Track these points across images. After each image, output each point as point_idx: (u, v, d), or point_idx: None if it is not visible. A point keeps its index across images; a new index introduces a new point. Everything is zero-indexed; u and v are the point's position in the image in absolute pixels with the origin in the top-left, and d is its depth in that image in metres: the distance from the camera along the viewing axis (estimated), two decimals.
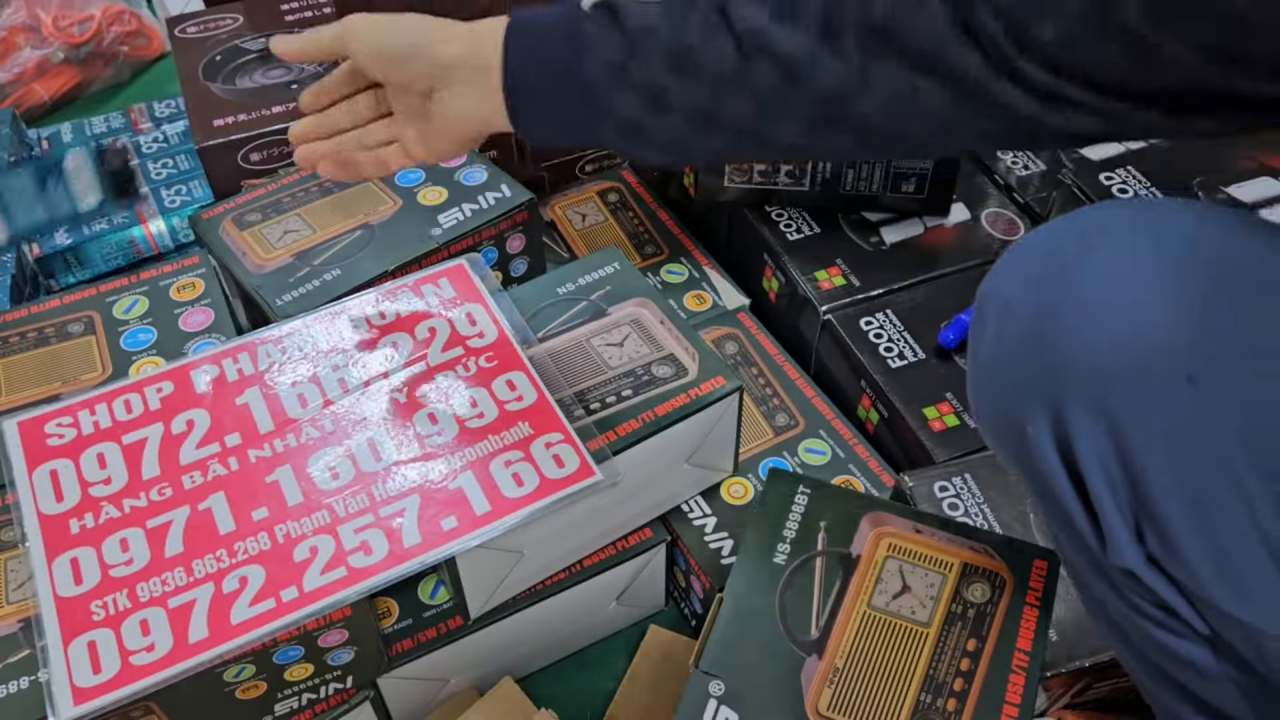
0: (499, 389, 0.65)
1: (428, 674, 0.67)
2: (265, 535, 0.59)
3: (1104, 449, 0.42)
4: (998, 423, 0.47)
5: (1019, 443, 0.45)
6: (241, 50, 0.95)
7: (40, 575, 0.57)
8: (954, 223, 0.89)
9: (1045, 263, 0.44)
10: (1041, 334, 0.43)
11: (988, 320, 0.46)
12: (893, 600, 0.57)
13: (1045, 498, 0.46)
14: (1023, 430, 0.44)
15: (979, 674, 0.55)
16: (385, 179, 0.82)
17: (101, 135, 1.13)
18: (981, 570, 0.59)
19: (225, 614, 0.56)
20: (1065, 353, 0.42)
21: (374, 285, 0.73)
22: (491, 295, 0.71)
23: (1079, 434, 0.42)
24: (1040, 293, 0.44)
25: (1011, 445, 0.46)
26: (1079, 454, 0.42)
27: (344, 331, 0.69)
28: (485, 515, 0.60)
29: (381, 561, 0.58)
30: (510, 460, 0.62)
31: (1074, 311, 0.42)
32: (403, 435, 0.63)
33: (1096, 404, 0.42)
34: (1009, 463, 0.48)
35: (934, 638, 0.56)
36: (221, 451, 0.63)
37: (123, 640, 0.55)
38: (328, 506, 0.60)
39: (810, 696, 0.54)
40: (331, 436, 0.63)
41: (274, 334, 0.69)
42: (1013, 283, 0.45)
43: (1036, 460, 0.44)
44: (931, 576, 0.59)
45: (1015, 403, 0.45)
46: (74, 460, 0.62)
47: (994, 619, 0.57)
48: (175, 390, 0.66)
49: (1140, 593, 0.45)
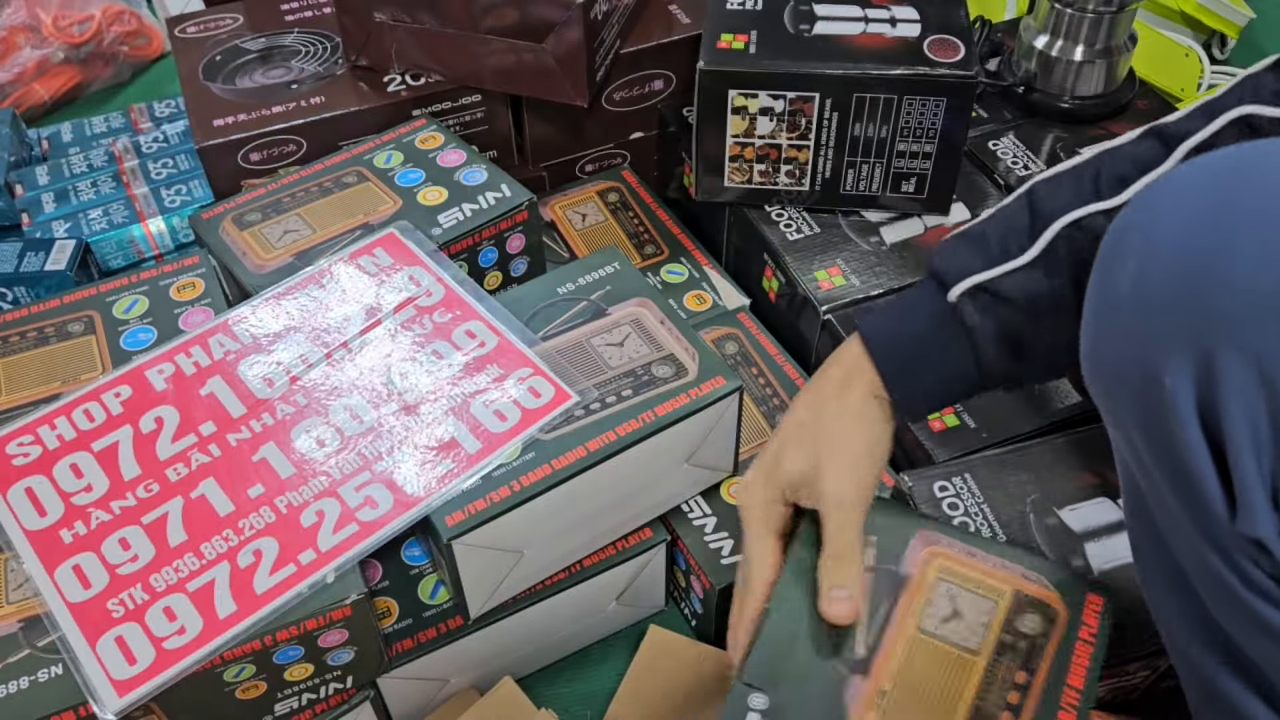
0: (459, 339, 0.68)
1: (428, 674, 0.67)
2: (268, 509, 0.60)
3: (1254, 404, 0.38)
4: (1126, 370, 0.43)
5: (1148, 393, 0.41)
6: (241, 50, 0.95)
7: (45, 588, 0.58)
8: (954, 223, 0.89)
9: (1201, 197, 0.41)
10: (1196, 274, 0.39)
11: (1127, 259, 0.42)
12: (942, 624, 0.57)
13: (1166, 456, 0.42)
14: (1157, 380, 0.40)
15: (1028, 708, 0.53)
16: (384, 179, 0.82)
17: (101, 135, 1.14)
18: (1034, 600, 0.58)
19: (248, 586, 0.57)
20: (1223, 296, 0.38)
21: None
22: (429, 256, 0.73)
23: (1228, 386, 0.39)
24: (1195, 230, 0.40)
25: (1134, 396, 0.42)
26: (1223, 408, 0.39)
27: (292, 311, 0.70)
28: (479, 452, 0.62)
29: (390, 512, 0.60)
30: (489, 400, 0.65)
31: (1234, 250, 0.39)
32: (378, 396, 0.65)
33: (1254, 353, 0.38)
34: (1123, 415, 0.44)
35: (983, 667, 0.55)
36: (199, 441, 0.63)
37: (150, 630, 0.56)
38: (323, 473, 0.62)
39: (854, 717, 0.53)
40: (307, 409, 0.65)
41: (222, 323, 0.70)
42: (1162, 218, 0.41)
43: (1168, 413, 0.40)
44: (983, 603, 0.57)
45: (1153, 349, 0.41)
46: (47, 475, 0.62)
47: (1045, 652, 0.56)
48: (134, 393, 0.66)
49: (1263, 564, 0.41)
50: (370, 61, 0.91)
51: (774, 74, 0.81)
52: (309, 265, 0.74)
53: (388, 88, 0.90)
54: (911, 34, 0.83)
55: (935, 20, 0.84)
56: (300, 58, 0.94)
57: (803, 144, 0.85)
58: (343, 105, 0.88)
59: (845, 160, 0.86)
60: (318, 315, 0.71)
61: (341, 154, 0.85)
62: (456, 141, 0.85)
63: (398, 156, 0.84)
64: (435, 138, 0.86)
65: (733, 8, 0.87)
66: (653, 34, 0.95)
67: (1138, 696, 0.70)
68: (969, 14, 0.86)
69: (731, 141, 0.86)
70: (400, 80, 0.91)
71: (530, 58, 0.85)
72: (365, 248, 0.74)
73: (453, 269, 0.73)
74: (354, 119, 0.88)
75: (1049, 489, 0.72)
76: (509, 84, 0.89)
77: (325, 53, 0.94)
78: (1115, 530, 0.71)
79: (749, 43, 0.83)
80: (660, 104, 0.99)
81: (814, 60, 0.81)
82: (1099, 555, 0.69)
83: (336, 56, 0.93)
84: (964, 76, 0.80)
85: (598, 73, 0.88)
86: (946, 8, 0.86)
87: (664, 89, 0.98)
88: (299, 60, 0.94)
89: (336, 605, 0.58)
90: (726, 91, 0.83)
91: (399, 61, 0.90)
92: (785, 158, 0.87)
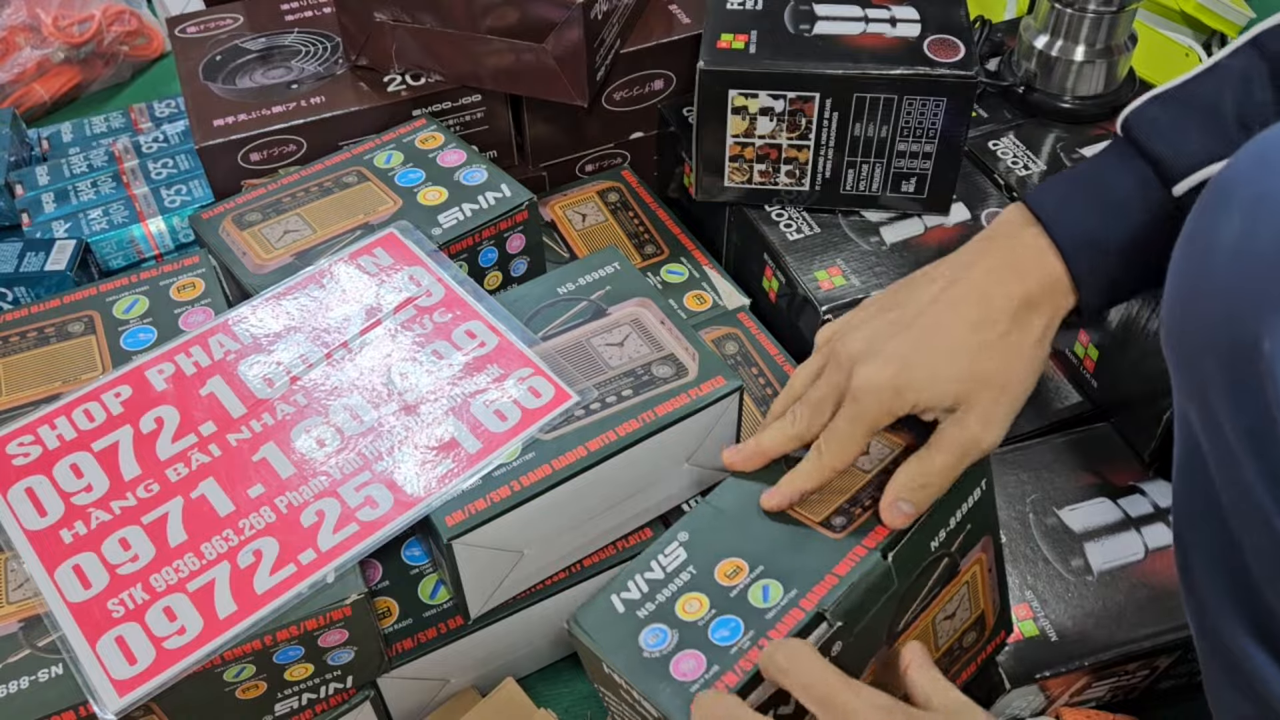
0: (460, 339, 0.68)
1: (428, 674, 0.67)
2: (268, 509, 0.60)
3: None
4: (1217, 327, 0.40)
5: (1240, 352, 0.39)
6: (242, 50, 0.95)
7: (46, 588, 0.57)
8: (954, 222, 0.89)
9: None
10: None
11: (1233, 213, 0.40)
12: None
13: (1252, 420, 0.40)
14: (1254, 340, 0.38)
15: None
16: (385, 179, 0.82)
17: (102, 135, 1.14)
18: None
19: (248, 586, 0.57)
20: None
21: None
22: (429, 256, 0.73)
23: None
24: None
25: (1224, 353, 0.40)
26: None
27: (292, 311, 0.70)
28: (479, 452, 0.62)
29: (390, 511, 0.60)
30: (489, 400, 0.64)
31: None
32: (378, 396, 0.65)
33: None
34: (1205, 371, 0.42)
35: (864, 480, 0.57)
36: (199, 441, 0.63)
37: (150, 630, 0.56)
38: (323, 472, 0.62)
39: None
40: (307, 409, 0.65)
41: (222, 323, 0.70)
42: (1275, 173, 0.39)
43: (1263, 377, 0.38)
44: (886, 449, 0.58)
45: (1256, 308, 0.38)
46: (48, 475, 0.62)
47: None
48: (135, 393, 0.66)
49: None
50: (370, 61, 0.91)
51: (774, 74, 0.81)
52: (309, 265, 0.74)
53: (388, 88, 0.90)
54: (911, 34, 0.83)
55: (935, 20, 0.84)
56: (300, 58, 0.94)
57: (803, 144, 0.85)
58: (343, 105, 0.88)
59: (845, 160, 0.86)
60: (318, 315, 0.71)
61: (342, 154, 0.85)
62: (456, 141, 0.85)
63: (398, 156, 0.84)
64: (435, 138, 0.86)
65: (733, 8, 0.87)
66: (653, 34, 0.95)
67: (1137, 696, 0.70)
68: (969, 14, 0.86)
69: (731, 141, 0.86)
70: (400, 80, 0.91)
71: (530, 57, 0.85)
72: (365, 248, 0.74)
73: (453, 269, 0.73)
74: (354, 119, 0.88)
75: (1049, 489, 0.72)
76: (509, 84, 0.89)
77: (325, 53, 0.94)
78: (1115, 530, 0.71)
79: (749, 43, 0.83)
80: (660, 104, 0.99)
81: (814, 60, 0.81)
82: (1099, 555, 0.69)
83: (337, 56, 0.93)
84: (964, 76, 0.80)
85: (598, 73, 0.88)
86: (946, 8, 0.86)
87: (664, 89, 0.98)
88: (299, 60, 0.94)
89: (337, 605, 0.58)
90: (726, 91, 0.83)
91: (399, 61, 0.90)
92: (785, 158, 0.87)
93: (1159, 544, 0.70)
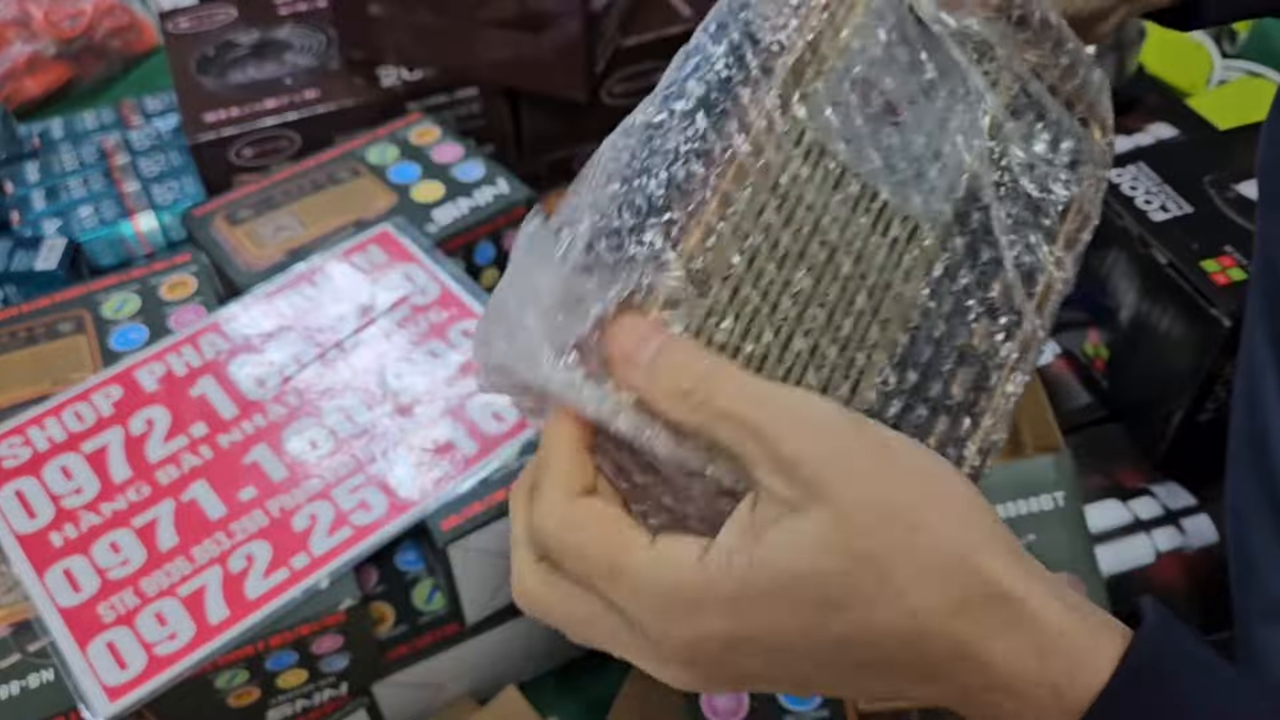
0: (456, 338, 0.67)
1: (423, 680, 0.66)
2: (259, 512, 0.59)
3: None
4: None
5: None
6: (234, 45, 0.94)
7: (36, 592, 0.56)
8: None
9: None
10: None
11: None
12: None
13: None
14: None
15: None
16: (379, 174, 0.81)
17: (93, 131, 1.12)
18: None
19: (240, 591, 0.56)
20: None
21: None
22: (424, 253, 0.72)
23: None
24: None
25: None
26: None
27: (284, 310, 0.69)
28: (476, 454, 0.61)
29: (384, 516, 0.59)
30: (487, 401, 0.63)
31: None
32: (372, 397, 0.64)
33: None
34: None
35: None
36: (190, 443, 0.62)
37: (141, 635, 0.55)
38: (316, 475, 0.61)
39: None
40: (300, 410, 0.64)
41: (213, 322, 0.69)
42: None
43: None
44: None
45: None
46: (37, 477, 0.61)
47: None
48: (125, 393, 0.65)
49: None
50: (365, 55, 0.90)
51: None
52: (302, 263, 0.73)
53: (383, 82, 0.89)
54: None
55: None
56: (294, 51, 0.93)
57: None
58: (337, 100, 0.87)
59: None
60: (311, 314, 0.69)
61: (335, 149, 0.84)
62: (453, 136, 0.84)
63: (392, 151, 0.83)
64: (431, 132, 0.84)
65: None
66: (652, 26, 0.93)
67: None
68: None
69: None
70: (395, 74, 0.89)
71: (529, 50, 0.84)
72: (359, 245, 0.73)
73: (449, 266, 0.71)
74: (348, 114, 0.87)
75: None
76: (507, 77, 0.88)
77: (319, 46, 0.93)
78: (1122, 534, 0.71)
79: None
80: None
81: None
82: (1106, 559, 0.69)
83: (331, 50, 0.92)
84: None
85: (597, 65, 0.87)
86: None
87: None
88: (292, 54, 0.92)
89: (330, 611, 0.57)
90: None
91: (394, 55, 0.89)
92: None
93: (1169, 547, 0.69)
